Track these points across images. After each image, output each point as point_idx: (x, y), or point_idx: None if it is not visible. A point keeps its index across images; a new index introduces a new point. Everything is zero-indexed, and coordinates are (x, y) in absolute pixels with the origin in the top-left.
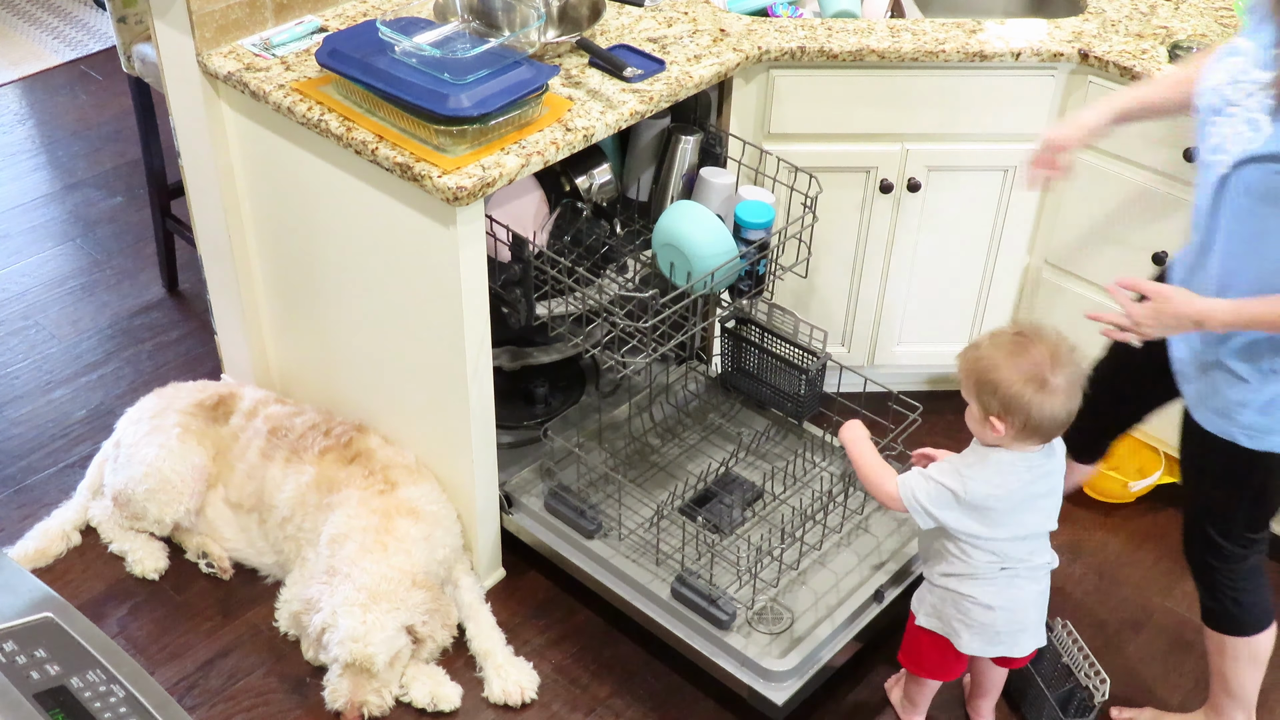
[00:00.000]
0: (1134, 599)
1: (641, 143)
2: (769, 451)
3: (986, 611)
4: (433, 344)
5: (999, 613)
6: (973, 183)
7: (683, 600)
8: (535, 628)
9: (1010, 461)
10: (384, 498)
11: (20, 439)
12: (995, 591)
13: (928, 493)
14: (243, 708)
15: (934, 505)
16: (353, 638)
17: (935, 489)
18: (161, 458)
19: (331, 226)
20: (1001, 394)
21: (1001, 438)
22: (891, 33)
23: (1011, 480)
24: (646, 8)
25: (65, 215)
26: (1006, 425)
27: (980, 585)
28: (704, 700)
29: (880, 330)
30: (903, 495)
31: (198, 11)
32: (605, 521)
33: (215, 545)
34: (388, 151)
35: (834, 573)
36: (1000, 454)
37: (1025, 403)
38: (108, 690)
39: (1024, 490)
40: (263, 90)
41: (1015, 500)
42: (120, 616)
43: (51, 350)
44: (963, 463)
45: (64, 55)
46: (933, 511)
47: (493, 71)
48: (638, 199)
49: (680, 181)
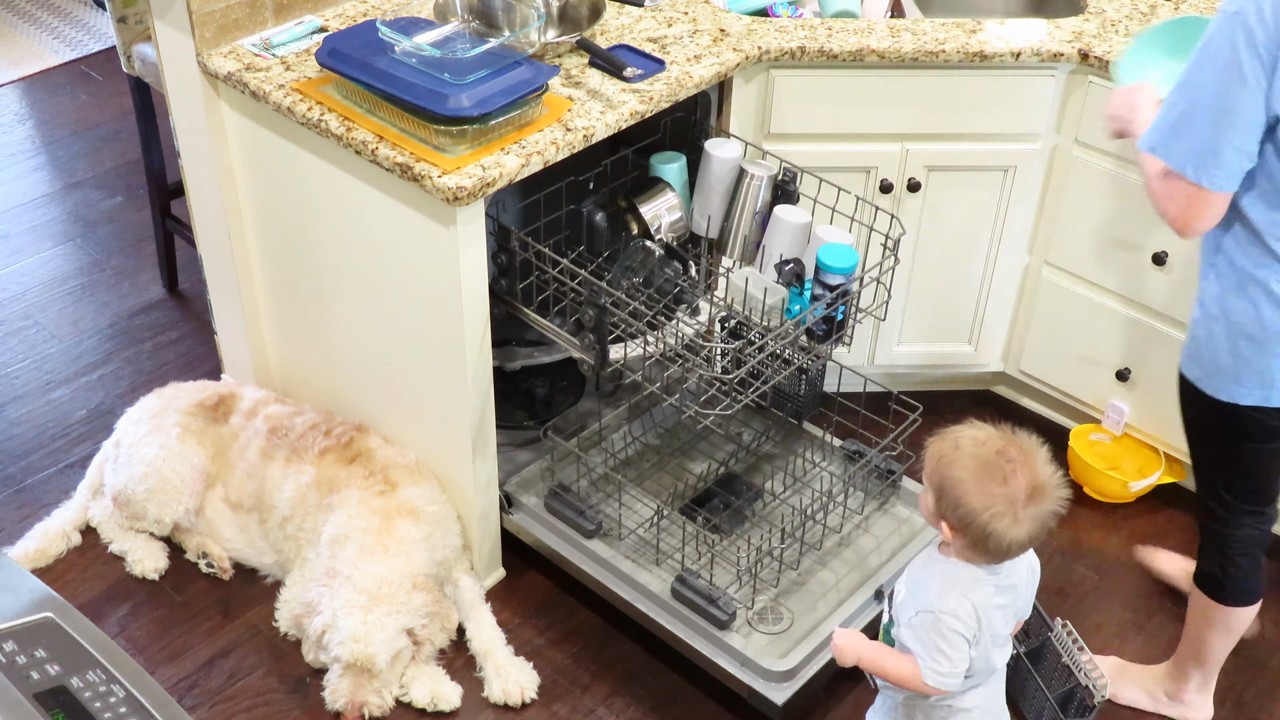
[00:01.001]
0: (1134, 599)
1: (711, 178)
2: (769, 451)
3: (965, 714)
4: (433, 344)
5: (975, 712)
6: (973, 183)
7: (683, 600)
8: (535, 628)
9: (975, 578)
10: (384, 498)
11: (20, 439)
12: (973, 694)
13: (950, 661)
14: (243, 708)
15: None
16: (354, 638)
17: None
18: (161, 458)
19: (332, 226)
20: (962, 514)
21: (949, 543)
22: (891, 33)
23: (974, 584)
24: (646, 8)
25: (65, 215)
26: (957, 536)
27: (957, 695)
28: (704, 700)
29: (880, 330)
30: (932, 684)
31: (198, 11)
32: (605, 521)
33: (215, 545)
34: (388, 151)
35: (834, 573)
36: (961, 570)
37: (985, 532)
38: (108, 690)
39: (987, 602)
40: (263, 90)
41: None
42: (120, 616)
43: (51, 350)
44: (939, 606)
45: (64, 55)
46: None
47: (493, 71)
48: (706, 236)
49: (753, 219)
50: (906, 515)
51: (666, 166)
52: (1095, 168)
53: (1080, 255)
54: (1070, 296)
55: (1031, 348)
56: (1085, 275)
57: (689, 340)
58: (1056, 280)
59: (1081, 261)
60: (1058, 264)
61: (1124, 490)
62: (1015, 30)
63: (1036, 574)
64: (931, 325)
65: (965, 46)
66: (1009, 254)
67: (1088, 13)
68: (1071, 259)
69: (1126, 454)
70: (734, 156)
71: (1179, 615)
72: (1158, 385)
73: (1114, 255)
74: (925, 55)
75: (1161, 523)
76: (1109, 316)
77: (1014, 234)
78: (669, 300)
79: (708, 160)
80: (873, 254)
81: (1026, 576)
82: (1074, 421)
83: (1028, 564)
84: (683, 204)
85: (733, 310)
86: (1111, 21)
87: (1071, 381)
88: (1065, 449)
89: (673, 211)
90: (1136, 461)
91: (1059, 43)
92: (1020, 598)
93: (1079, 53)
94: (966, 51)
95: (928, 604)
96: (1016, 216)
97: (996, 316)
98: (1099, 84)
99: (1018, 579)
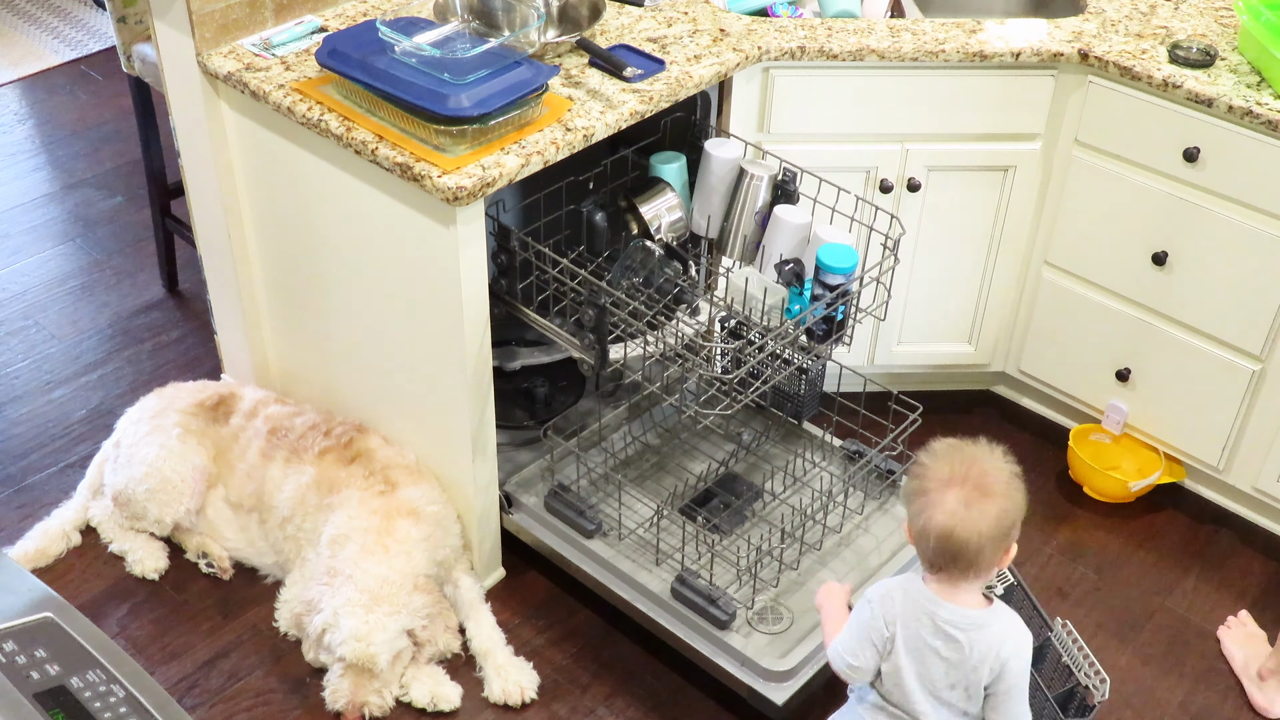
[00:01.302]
0: (1134, 599)
1: (711, 178)
2: (769, 451)
3: None
4: (433, 344)
5: None
6: (973, 183)
7: (682, 600)
8: (535, 628)
9: (916, 597)
10: (384, 498)
11: (20, 439)
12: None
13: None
14: (243, 708)
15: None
16: (355, 636)
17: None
18: (162, 458)
19: (331, 226)
20: (907, 489)
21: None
22: (891, 33)
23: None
24: (646, 8)
25: (65, 215)
26: (908, 532)
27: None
28: (704, 700)
29: (880, 330)
30: (830, 655)
31: (198, 11)
32: (605, 521)
33: (215, 545)
34: (388, 151)
35: (834, 573)
36: (912, 584)
37: (911, 512)
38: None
39: (916, 631)
40: (263, 90)
41: (908, 642)
42: (120, 616)
43: (51, 350)
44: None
45: (64, 55)
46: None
47: (493, 71)
48: (706, 236)
49: (753, 219)
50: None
51: (666, 166)
52: (1095, 168)
53: (1080, 255)
54: (1070, 296)
55: (1031, 348)
56: (1085, 275)
57: (689, 340)
58: (1056, 280)
59: (1081, 261)
60: (1057, 264)
61: (1124, 490)
62: (1015, 30)
63: (1007, 670)
64: (931, 325)
65: (965, 46)
66: (1009, 254)
67: (1088, 13)
68: (1071, 259)
69: (1126, 454)
70: (734, 156)
71: (1179, 615)
72: (1158, 385)
73: (1113, 255)
74: (925, 55)
75: (1161, 523)
76: (1109, 316)
77: (1014, 234)
78: (669, 300)
79: (708, 160)
80: (873, 254)
81: (984, 658)
82: (1074, 421)
83: (994, 650)
84: (683, 204)
85: (733, 310)
86: (1111, 21)
87: (1071, 381)
88: (1065, 449)
89: (673, 211)
90: (1136, 461)
91: (1059, 43)
92: (968, 673)
93: (1079, 53)
94: (966, 51)
95: (872, 592)
96: (1016, 216)
97: (996, 316)
98: (1099, 84)
99: (970, 649)
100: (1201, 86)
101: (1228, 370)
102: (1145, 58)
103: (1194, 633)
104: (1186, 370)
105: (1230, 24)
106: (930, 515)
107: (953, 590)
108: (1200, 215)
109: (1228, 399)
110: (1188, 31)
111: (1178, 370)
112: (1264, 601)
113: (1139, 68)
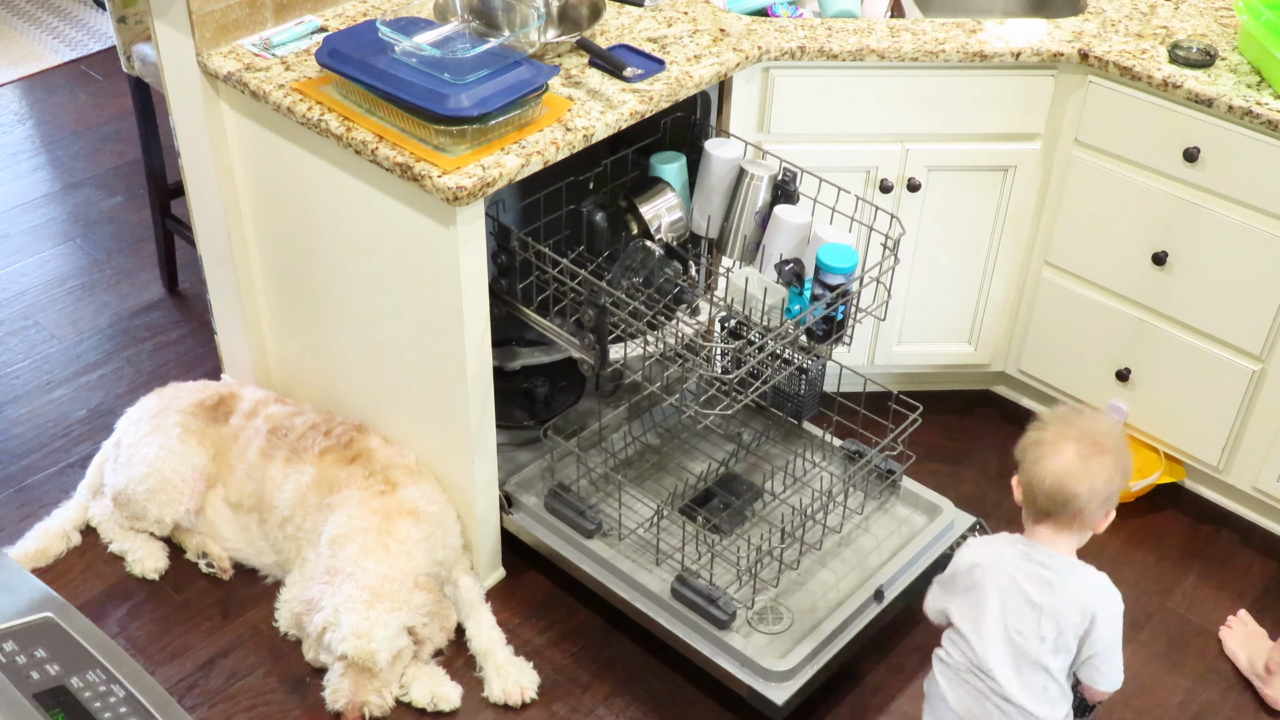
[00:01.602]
0: (1134, 599)
1: (711, 178)
2: (769, 451)
3: (940, 701)
4: (433, 344)
5: (940, 709)
6: (973, 183)
7: (682, 600)
8: (535, 628)
9: (1010, 540)
10: (384, 498)
11: (20, 439)
12: (951, 691)
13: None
14: (243, 708)
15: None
16: (356, 634)
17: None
18: (161, 458)
19: (331, 226)
20: (1025, 441)
21: (1022, 505)
22: (891, 33)
23: (1002, 555)
24: (646, 8)
25: (65, 215)
26: (1016, 484)
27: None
28: (704, 700)
29: (880, 330)
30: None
31: (198, 11)
32: (605, 521)
33: (215, 545)
34: (388, 151)
35: (834, 573)
36: (1006, 533)
37: (1025, 463)
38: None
39: (1009, 574)
40: (263, 90)
41: (1000, 585)
42: (120, 616)
43: (51, 350)
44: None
45: (64, 55)
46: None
47: (493, 71)
48: (706, 236)
49: (753, 219)
50: (906, 515)
51: (666, 166)
52: (1095, 168)
53: (1080, 255)
54: (1070, 296)
55: (1031, 348)
56: (1085, 275)
57: (689, 340)
58: (1056, 280)
59: (1081, 261)
60: (1057, 264)
61: (1124, 490)
62: (1015, 30)
63: (1098, 621)
64: (931, 325)
65: (965, 46)
66: (1009, 254)
67: (1088, 13)
68: (1071, 259)
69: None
70: (734, 156)
71: (1179, 615)
72: (1158, 385)
73: (1114, 255)
74: (925, 55)
75: (1161, 523)
76: (1109, 316)
77: (1014, 234)
78: (669, 300)
79: (708, 160)
80: (873, 254)
81: (1073, 600)
82: None
83: (1083, 596)
84: (683, 204)
85: (733, 310)
86: (1111, 21)
87: (1071, 381)
88: None
89: (673, 211)
90: (1136, 461)
91: (1059, 43)
92: (1058, 617)
93: (1079, 53)
94: (966, 51)
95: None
96: (1016, 216)
97: (996, 316)
98: (1099, 84)
99: (1061, 589)
100: (1201, 86)
101: (1228, 370)
102: (1145, 58)
103: (1194, 632)
104: (1186, 370)
105: (1230, 24)
106: (1048, 462)
107: (1052, 537)
108: (1200, 215)
109: (1228, 399)
110: (1188, 31)
111: (1178, 370)
112: (1264, 601)
113: (1139, 68)
